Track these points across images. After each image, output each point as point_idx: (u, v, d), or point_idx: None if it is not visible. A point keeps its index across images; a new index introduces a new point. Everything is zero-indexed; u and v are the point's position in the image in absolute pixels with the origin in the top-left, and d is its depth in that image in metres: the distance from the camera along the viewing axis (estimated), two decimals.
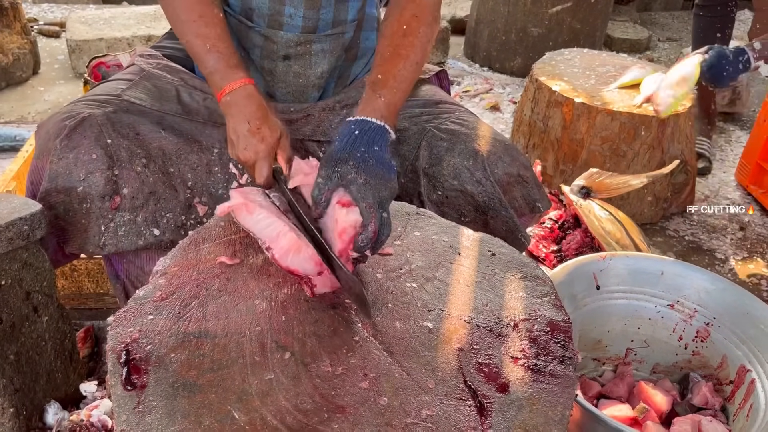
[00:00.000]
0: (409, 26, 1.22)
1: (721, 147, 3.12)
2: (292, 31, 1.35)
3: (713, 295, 1.45)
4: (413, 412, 0.81)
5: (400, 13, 1.24)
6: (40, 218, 1.19)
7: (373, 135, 1.06)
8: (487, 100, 3.41)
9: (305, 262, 0.99)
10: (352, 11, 1.38)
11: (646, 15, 5.08)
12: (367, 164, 1.01)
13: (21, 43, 3.29)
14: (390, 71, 1.17)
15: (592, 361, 1.57)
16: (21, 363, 1.22)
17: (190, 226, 1.29)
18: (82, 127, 1.24)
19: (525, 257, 1.11)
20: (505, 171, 1.34)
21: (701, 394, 1.42)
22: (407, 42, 1.21)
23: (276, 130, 1.18)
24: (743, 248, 2.39)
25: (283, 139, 1.20)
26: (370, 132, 1.07)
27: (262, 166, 1.15)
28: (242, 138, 1.17)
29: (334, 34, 1.38)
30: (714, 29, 2.79)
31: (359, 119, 1.09)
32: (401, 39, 1.21)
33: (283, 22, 1.35)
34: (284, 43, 1.36)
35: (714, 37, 2.81)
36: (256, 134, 1.16)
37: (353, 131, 1.07)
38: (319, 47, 1.38)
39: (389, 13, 1.27)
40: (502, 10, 3.71)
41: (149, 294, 0.96)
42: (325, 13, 1.35)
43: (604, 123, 2.27)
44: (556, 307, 1.00)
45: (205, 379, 0.82)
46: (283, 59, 1.38)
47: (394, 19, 1.24)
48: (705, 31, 2.79)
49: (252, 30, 1.36)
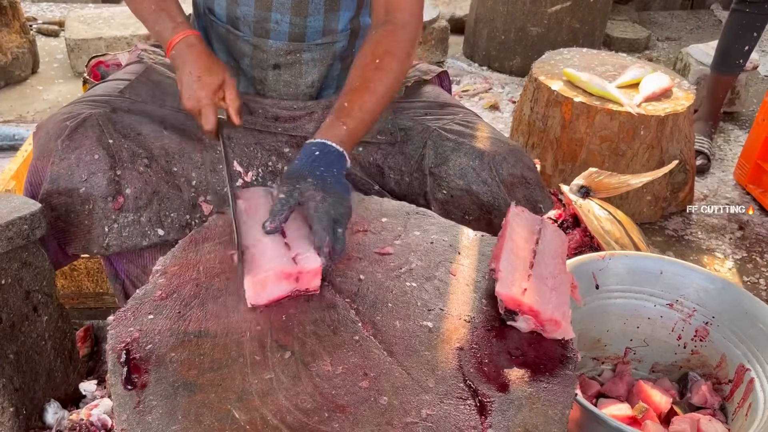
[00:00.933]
0: (381, 61, 1.23)
1: (720, 146, 3.12)
2: (280, 38, 1.35)
3: (712, 294, 1.45)
4: (413, 411, 0.81)
5: (375, 46, 1.25)
6: (40, 217, 1.19)
7: (333, 158, 1.10)
8: (486, 99, 3.41)
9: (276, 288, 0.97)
10: (343, 21, 1.38)
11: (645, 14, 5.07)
12: (325, 182, 1.05)
13: (20, 42, 3.28)
14: (356, 101, 1.18)
15: (592, 360, 1.57)
16: (21, 362, 1.22)
17: (195, 225, 1.29)
18: (83, 127, 1.24)
19: None
20: (509, 172, 1.35)
21: (700, 393, 1.43)
22: (377, 76, 1.22)
23: (217, 76, 1.22)
24: (742, 247, 2.39)
25: (228, 88, 1.23)
26: (329, 155, 1.10)
27: (207, 113, 1.20)
28: (185, 87, 1.22)
29: (324, 44, 1.38)
30: (754, 27, 2.72)
31: (320, 141, 1.12)
32: (372, 72, 1.22)
33: (269, 29, 1.34)
34: (273, 52, 1.36)
35: (751, 36, 2.74)
36: (198, 81, 1.21)
37: (314, 152, 1.10)
38: (309, 56, 1.38)
39: (365, 44, 1.28)
40: (502, 9, 3.71)
41: (149, 293, 0.96)
42: (313, 21, 1.35)
43: (604, 122, 2.27)
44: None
45: (205, 379, 0.83)
46: (273, 68, 1.38)
47: (368, 50, 1.25)
48: (745, 28, 2.72)
49: (240, 39, 1.36)
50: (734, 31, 2.76)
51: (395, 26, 1.27)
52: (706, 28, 4.87)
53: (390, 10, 1.28)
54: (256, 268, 0.95)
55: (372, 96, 1.20)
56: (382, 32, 1.27)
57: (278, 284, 0.96)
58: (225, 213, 1.14)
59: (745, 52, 2.80)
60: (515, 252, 1.04)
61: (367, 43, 1.27)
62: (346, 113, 1.17)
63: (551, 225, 1.16)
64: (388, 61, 1.23)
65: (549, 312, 0.93)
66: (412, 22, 1.28)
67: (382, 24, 1.29)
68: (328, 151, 1.10)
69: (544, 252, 1.07)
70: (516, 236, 1.08)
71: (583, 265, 1.45)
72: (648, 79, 2.41)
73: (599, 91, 2.32)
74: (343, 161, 1.11)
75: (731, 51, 2.80)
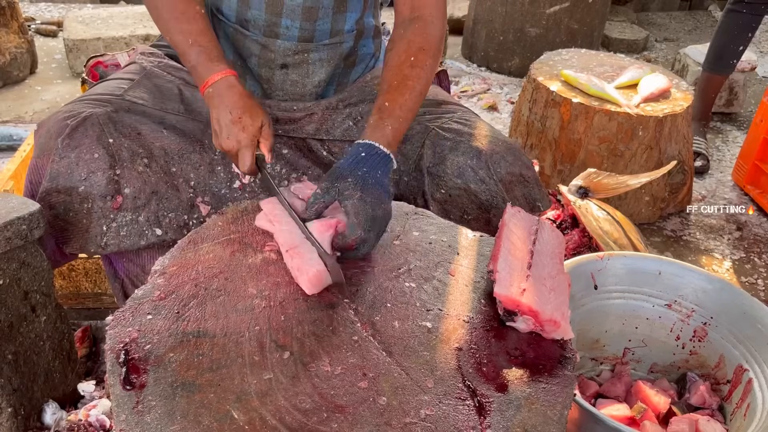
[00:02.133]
0: (416, 58, 1.25)
1: (718, 147, 3.13)
2: (289, 40, 1.36)
3: (710, 294, 1.45)
4: (412, 411, 0.81)
5: (408, 45, 1.27)
6: (39, 218, 1.18)
7: (378, 160, 1.12)
8: (484, 100, 3.41)
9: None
10: (350, 22, 1.39)
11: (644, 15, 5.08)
12: (366, 183, 1.07)
13: (18, 43, 3.28)
14: (397, 100, 1.21)
15: (590, 361, 1.57)
16: (19, 363, 1.22)
17: (193, 225, 1.29)
18: (83, 126, 1.24)
19: None
20: (507, 170, 1.35)
21: (699, 394, 1.43)
22: (414, 74, 1.24)
23: (257, 119, 1.21)
24: (740, 248, 2.40)
25: (264, 128, 1.22)
26: (375, 157, 1.12)
27: (244, 155, 1.19)
28: (224, 128, 1.20)
29: (331, 44, 1.38)
30: (749, 28, 2.73)
31: (368, 143, 1.14)
32: (409, 70, 1.24)
33: (279, 32, 1.35)
34: (281, 52, 1.36)
35: (745, 36, 2.74)
36: (238, 123, 1.19)
37: (360, 152, 1.12)
38: (317, 56, 1.38)
39: (396, 45, 1.29)
40: (500, 10, 3.71)
41: (148, 294, 0.96)
42: (321, 24, 1.35)
43: (602, 123, 2.27)
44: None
45: (204, 379, 0.83)
46: (280, 68, 1.39)
47: (401, 50, 1.27)
48: (740, 28, 2.73)
49: (248, 38, 1.36)
50: (730, 31, 2.77)
51: (424, 23, 1.29)
52: (704, 29, 4.88)
53: (416, 7, 1.30)
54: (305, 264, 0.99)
55: (411, 94, 1.23)
56: (412, 30, 1.29)
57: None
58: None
59: (739, 52, 2.82)
60: (513, 253, 1.04)
61: (399, 41, 1.29)
62: (388, 113, 1.19)
63: (548, 225, 1.16)
64: (423, 57, 1.26)
65: (548, 312, 0.93)
66: (439, 16, 1.31)
67: (409, 22, 1.30)
68: (374, 153, 1.12)
69: (542, 252, 1.07)
70: (513, 237, 1.08)
71: (582, 265, 1.45)
72: (646, 79, 2.41)
73: (598, 92, 2.32)
74: (389, 163, 1.14)
75: (726, 51, 2.81)
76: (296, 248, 1.02)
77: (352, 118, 1.40)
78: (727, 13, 2.77)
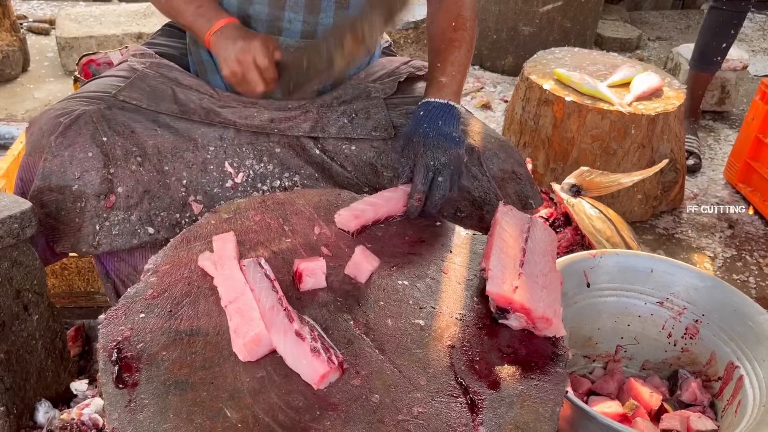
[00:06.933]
0: (457, 22, 1.40)
1: (710, 145, 3.15)
2: (292, 36, 1.36)
3: (702, 292, 1.46)
4: (405, 409, 0.81)
5: (447, 12, 1.42)
6: (31, 216, 1.18)
7: (437, 112, 1.25)
8: (478, 98, 3.41)
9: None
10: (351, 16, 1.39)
11: (636, 14, 5.10)
12: (427, 138, 1.21)
13: (10, 41, 3.26)
14: (447, 59, 1.35)
15: (583, 358, 1.58)
16: (11, 362, 1.21)
17: (185, 224, 1.29)
18: (77, 124, 1.23)
19: None
20: (500, 167, 1.36)
21: (690, 391, 1.44)
22: (458, 36, 1.39)
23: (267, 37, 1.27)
24: (732, 246, 2.41)
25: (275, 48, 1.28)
26: (434, 110, 1.25)
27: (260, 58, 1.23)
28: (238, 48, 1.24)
29: None
30: (731, 25, 2.76)
31: (425, 101, 1.29)
32: (453, 33, 1.39)
33: (282, 27, 1.35)
34: (284, 48, 1.36)
35: (729, 33, 2.77)
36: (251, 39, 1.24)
37: (419, 112, 1.27)
38: None
39: (435, 17, 1.44)
40: (493, 8, 3.71)
41: (141, 292, 0.95)
42: (324, 18, 1.36)
43: (595, 121, 2.28)
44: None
45: (196, 377, 0.83)
46: None
47: (442, 19, 1.42)
48: (722, 26, 2.75)
49: None
50: (712, 28, 2.80)
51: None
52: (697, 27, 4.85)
53: None
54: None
55: (459, 51, 1.37)
56: (447, 1, 1.42)
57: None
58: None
59: (723, 50, 2.84)
60: (505, 251, 1.05)
61: (438, 14, 1.43)
62: (441, 71, 1.34)
63: (540, 223, 1.16)
64: (462, 21, 1.40)
65: (540, 310, 0.94)
66: None
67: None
68: (431, 107, 1.26)
69: (534, 250, 1.08)
70: (505, 235, 1.08)
71: (575, 263, 1.46)
72: (639, 78, 2.42)
73: (590, 91, 2.33)
74: (450, 111, 1.26)
75: (709, 48, 2.84)
76: (236, 302, 0.91)
77: (347, 116, 1.40)
78: (710, 11, 2.81)
